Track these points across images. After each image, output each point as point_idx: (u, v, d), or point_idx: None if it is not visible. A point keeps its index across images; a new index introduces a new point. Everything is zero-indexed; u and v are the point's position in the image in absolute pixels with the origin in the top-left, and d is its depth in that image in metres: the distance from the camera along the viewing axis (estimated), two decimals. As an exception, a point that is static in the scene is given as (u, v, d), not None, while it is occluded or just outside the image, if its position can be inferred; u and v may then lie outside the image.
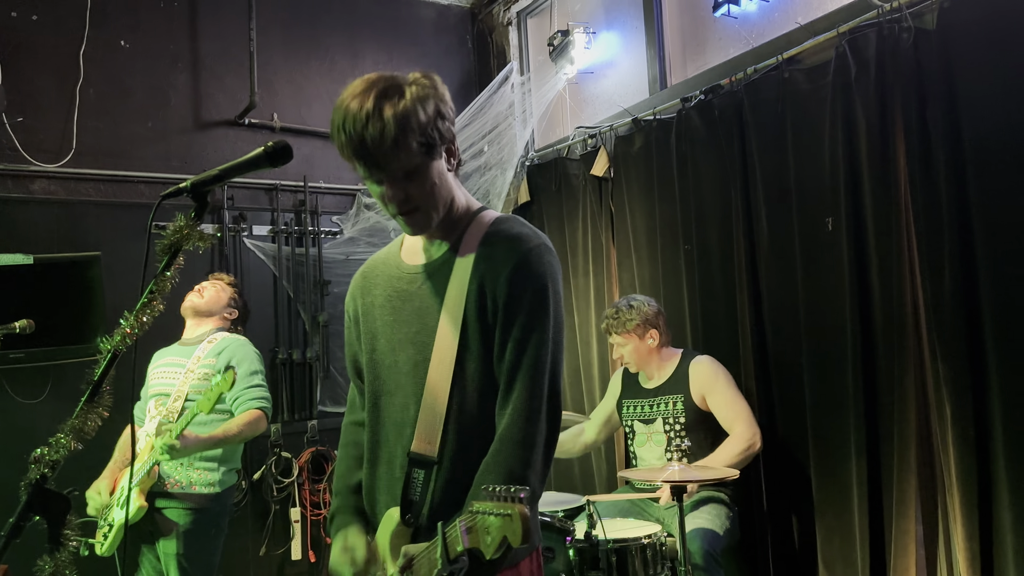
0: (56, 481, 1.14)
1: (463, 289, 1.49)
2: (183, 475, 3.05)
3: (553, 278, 1.50)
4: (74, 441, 1.18)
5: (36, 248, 3.81)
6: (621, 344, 3.26)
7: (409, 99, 1.40)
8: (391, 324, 1.60)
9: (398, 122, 1.38)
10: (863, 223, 2.91)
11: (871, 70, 2.86)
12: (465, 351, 1.48)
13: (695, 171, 3.59)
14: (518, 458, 1.41)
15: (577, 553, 2.59)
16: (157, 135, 4.28)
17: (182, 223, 1.29)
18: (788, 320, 3.18)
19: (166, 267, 1.27)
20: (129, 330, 1.23)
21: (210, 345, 3.21)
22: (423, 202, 1.48)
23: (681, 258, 3.66)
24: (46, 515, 1.16)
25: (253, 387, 3.15)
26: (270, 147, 1.35)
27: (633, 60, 4.26)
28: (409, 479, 1.51)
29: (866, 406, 2.87)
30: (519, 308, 1.46)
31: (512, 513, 1.16)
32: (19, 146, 3.87)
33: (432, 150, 1.45)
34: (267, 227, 4.57)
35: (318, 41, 4.78)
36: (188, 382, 3.11)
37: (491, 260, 1.49)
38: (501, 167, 4.68)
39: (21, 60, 3.92)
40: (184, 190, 1.30)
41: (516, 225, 1.56)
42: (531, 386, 1.44)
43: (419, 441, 1.50)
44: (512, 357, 1.46)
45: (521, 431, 1.42)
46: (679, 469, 2.60)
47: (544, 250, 1.51)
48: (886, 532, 2.81)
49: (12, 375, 3.70)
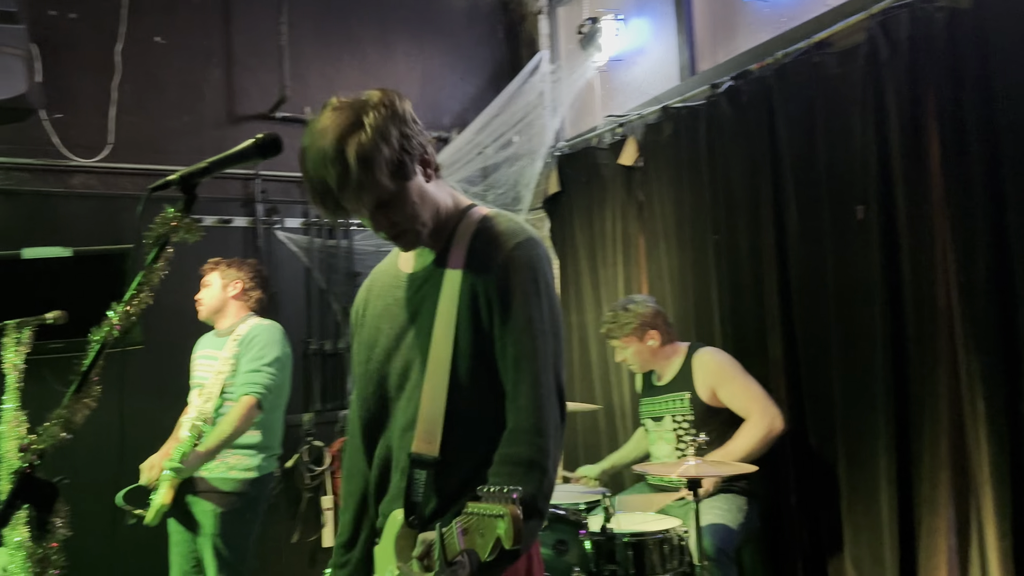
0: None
1: (455, 290, 1.50)
2: (221, 461, 3.12)
3: (543, 269, 1.50)
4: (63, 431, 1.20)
5: (76, 241, 3.91)
6: (622, 348, 3.24)
7: (369, 133, 1.38)
8: (389, 332, 1.61)
9: (360, 159, 1.37)
10: (894, 212, 2.82)
11: (903, 52, 2.76)
12: (460, 352, 1.49)
13: (724, 159, 3.53)
14: (535, 447, 1.42)
15: (593, 546, 2.57)
16: (192, 129, 4.35)
17: (170, 215, 1.29)
18: (817, 310, 3.10)
19: (155, 259, 1.28)
20: (117, 322, 1.24)
21: (237, 338, 3.27)
22: (409, 224, 1.49)
23: (710, 248, 3.59)
24: (34, 503, 1.18)
25: (250, 372, 3.16)
26: (259, 139, 1.35)
27: (663, 47, 4.19)
28: (411, 480, 1.51)
29: (896, 400, 2.79)
30: (513, 303, 1.46)
31: (504, 514, 1.13)
32: (58, 142, 3.97)
33: (404, 173, 1.44)
34: (299, 219, 4.62)
35: (349, 34, 4.80)
36: (220, 380, 3.20)
37: (480, 259, 1.50)
38: (531, 157, 4.65)
39: (60, 58, 4.02)
40: (173, 182, 1.31)
41: (503, 222, 1.55)
42: (537, 376, 1.45)
43: (419, 442, 1.50)
44: (514, 351, 1.46)
45: (536, 421, 1.43)
46: (695, 464, 2.56)
47: (532, 243, 1.52)
48: (916, 529, 2.73)
49: (53, 365, 3.80)
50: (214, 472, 3.12)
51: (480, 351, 1.48)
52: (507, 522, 1.13)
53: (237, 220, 4.42)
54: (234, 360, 3.22)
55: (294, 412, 4.29)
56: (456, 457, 1.48)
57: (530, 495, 1.39)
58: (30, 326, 2.87)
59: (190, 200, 1.32)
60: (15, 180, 3.92)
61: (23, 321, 2.87)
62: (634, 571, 2.55)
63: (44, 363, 3.74)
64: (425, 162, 1.50)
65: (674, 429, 3.12)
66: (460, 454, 1.48)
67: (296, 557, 4.41)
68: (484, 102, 4.78)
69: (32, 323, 2.86)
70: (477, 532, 1.20)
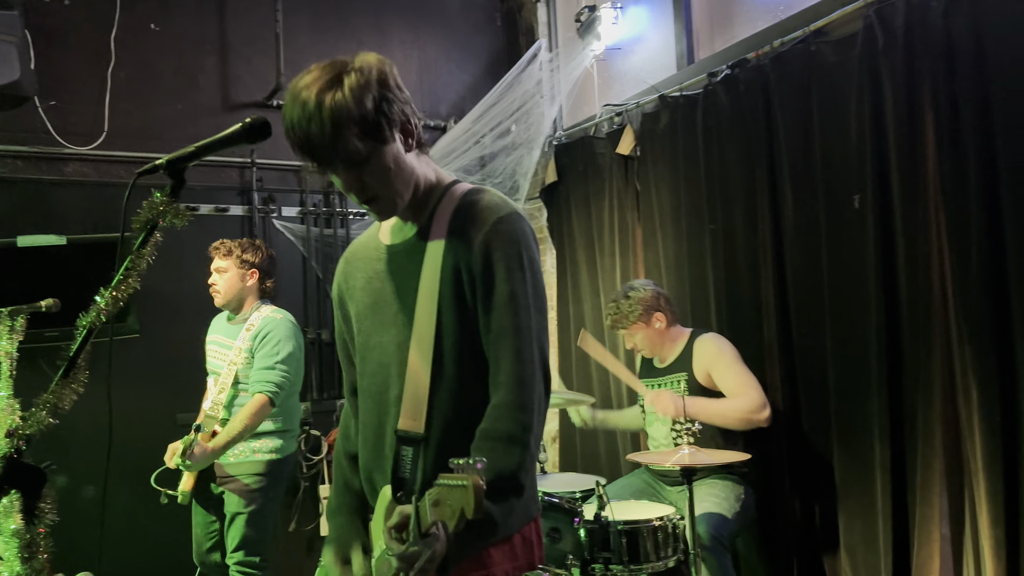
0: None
1: (437, 266, 1.49)
2: (245, 446, 3.26)
3: (527, 244, 1.49)
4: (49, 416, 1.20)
5: (70, 229, 3.91)
6: (631, 335, 3.24)
7: (347, 90, 1.38)
8: (371, 306, 1.60)
9: (333, 116, 1.37)
10: (890, 201, 2.81)
11: (899, 41, 2.74)
12: (443, 327, 1.48)
13: (720, 148, 3.51)
14: (517, 421, 1.42)
15: (588, 534, 2.58)
16: (187, 117, 4.33)
17: (158, 200, 1.29)
18: (812, 299, 3.10)
19: (142, 244, 1.28)
20: (104, 307, 1.24)
21: (250, 329, 3.34)
22: (381, 189, 1.48)
23: (706, 237, 3.59)
24: (22, 488, 1.18)
25: (264, 369, 3.25)
26: (247, 123, 1.35)
27: (661, 35, 4.17)
28: (398, 457, 1.52)
29: (890, 388, 2.79)
30: (495, 277, 1.45)
31: (466, 484, 1.16)
32: (52, 129, 3.96)
33: (379, 136, 1.43)
34: (296, 208, 4.61)
35: (345, 21, 4.78)
36: (233, 370, 3.31)
37: (463, 234, 1.48)
38: (528, 146, 4.64)
39: (53, 44, 4.00)
40: (160, 167, 1.31)
41: (486, 196, 1.54)
42: (520, 351, 1.45)
43: (405, 418, 1.50)
44: (497, 326, 1.46)
45: (517, 396, 1.43)
46: (690, 452, 2.56)
47: (515, 217, 1.50)
48: (910, 517, 2.73)
49: (47, 353, 3.79)
50: (239, 457, 3.26)
51: (464, 327, 1.48)
52: (469, 492, 1.17)
53: (233, 208, 4.42)
54: (248, 353, 3.31)
55: (291, 401, 4.31)
56: (442, 433, 1.48)
57: (509, 469, 1.40)
58: (24, 314, 2.85)
59: (178, 185, 1.32)
60: (9, 167, 3.91)
61: (16, 309, 2.85)
62: (628, 559, 2.55)
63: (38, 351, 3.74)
64: (406, 131, 1.49)
65: None
66: (446, 430, 1.48)
67: (294, 545, 4.43)
68: (481, 91, 4.76)
69: (26, 311, 2.85)
70: (446, 503, 1.22)
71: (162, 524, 3.74)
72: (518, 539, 1.51)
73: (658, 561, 2.58)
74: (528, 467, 1.45)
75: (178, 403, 4.22)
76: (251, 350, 3.31)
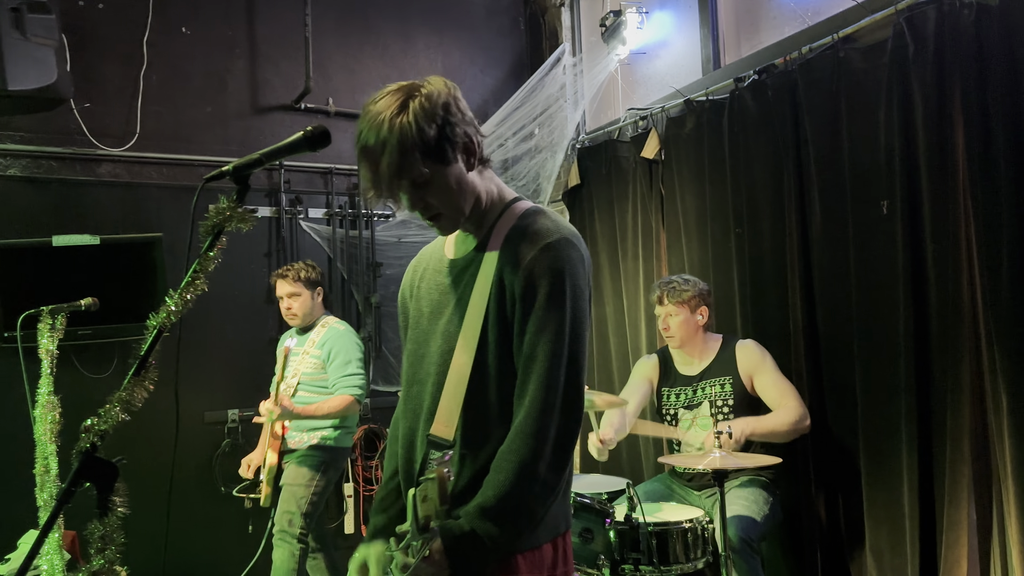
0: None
1: (488, 282, 1.52)
2: (307, 433, 3.66)
3: (571, 271, 1.49)
4: (122, 412, 1.24)
5: (103, 229, 3.98)
6: (673, 314, 3.21)
7: (411, 116, 1.43)
8: (429, 315, 1.65)
9: (400, 140, 1.42)
10: (919, 207, 2.83)
11: (930, 48, 2.76)
12: (486, 342, 1.51)
13: (747, 153, 3.54)
14: (530, 449, 1.42)
15: (617, 535, 2.60)
16: (216, 120, 4.39)
17: (224, 205, 1.33)
18: (840, 305, 3.12)
19: (209, 247, 1.32)
20: (174, 308, 1.28)
21: (317, 337, 3.75)
22: (444, 208, 1.53)
23: (732, 242, 3.61)
24: (96, 482, 1.22)
25: (347, 375, 3.66)
26: (309, 131, 1.39)
27: (686, 40, 4.20)
28: (426, 461, 1.55)
29: (918, 394, 2.80)
30: (534, 301, 1.47)
31: (433, 476, 1.29)
32: (86, 131, 4.02)
33: (441, 158, 1.48)
34: (322, 210, 4.67)
35: (370, 26, 4.83)
36: (301, 368, 3.72)
37: (513, 255, 1.51)
38: (551, 150, 4.68)
39: (88, 48, 4.07)
40: (226, 173, 1.35)
41: (540, 219, 1.56)
42: (547, 379, 1.45)
43: (438, 424, 1.53)
44: (528, 350, 1.47)
45: (535, 423, 1.43)
46: (721, 456, 2.58)
47: (564, 244, 1.51)
48: (937, 522, 2.75)
49: (81, 351, 3.87)
50: (301, 444, 3.65)
51: (505, 344, 1.51)
52: (434, 483, 1.30)
53: (262, 210, 4.47)
54: (316, 359, 3.70)
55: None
56: (470, 443, 1.50)
57: (514, 495, 1.42)
58: (64, 312, 2.91)
59: (242, 190, 1.36)
60: (44, 168, 3.97)
61: (56, 307, 2.91)
62: (658, 560, 2.58)
63: (71, 349, 3.81)
64: (468, 151, 1.53)
65: (713, 414, 3.14)
66: (474, 441, 1.50)
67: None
68: (505, 95, 4.80)
69: (66, 309, 2.91)
70: (430, 498, 1.33)
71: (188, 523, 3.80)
72: (548, 548, 1.53)
73: (687, 563, 2.61)
74: (539, 494, 1.44)
75: (206, 402, 4.29)
76: (323, 357, 3.69)
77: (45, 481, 2.77)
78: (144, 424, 3.08)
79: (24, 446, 2.89)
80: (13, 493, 3.20)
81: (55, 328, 2.88)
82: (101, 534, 1.22)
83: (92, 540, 1.25)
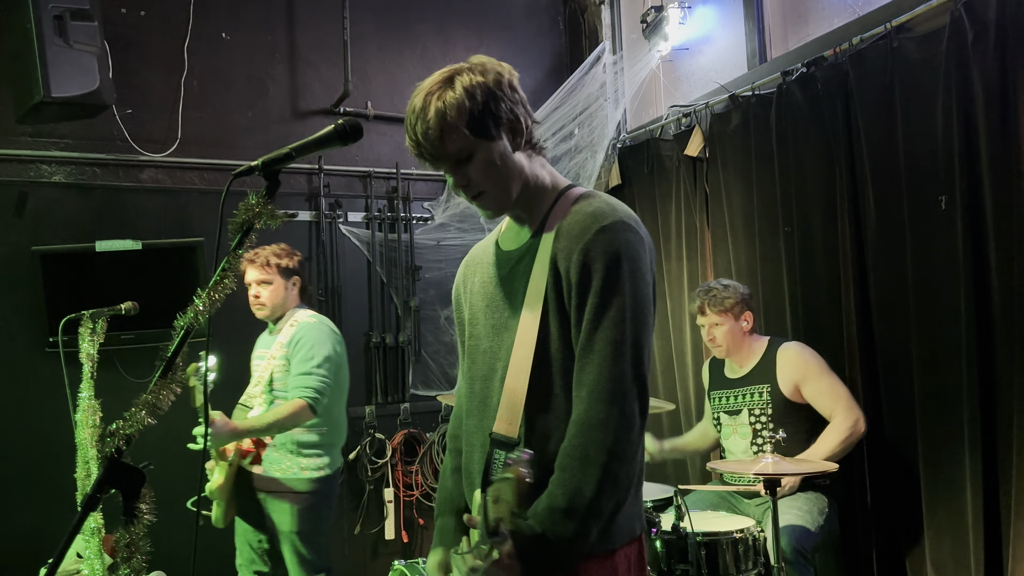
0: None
1: (544, 272, 1.47)
2: (292, 462, 3.12)
3: (630, 254, 1.42)
4: (148, 416, 1.20)
5: (145, 234, 4.00)
6: (717, 324, 3.10)
7: (457, 90, 1.43)
8: (484, 310, 1.60)
9: (439, 115, 1.42)
10: (980, 202, 2.70)
11: (990, 35, 2.63)
12: (546, 333, 1.46)
13: (796, 149, 3.42)
14: (595, 441, 1.36)
15: (664, 545, 2.51)
16: (257, 125, 4.40)
17: (254, 201, 1.29)
18: (897, 306, 2.99)
19: (238, 245, 1.27)
20: (202, 307, 1.24)
21: (285, 338, 3.18)
22: (487, 185, 1.49)
23: (781, 241, 3.49)
24: (121, 488, 1.18)
25: (302, 374, 3.07)
26: (340, 125, 1.35)
27: (730, 34, 4.09)
28: (491, 461, 1.50)
29: (981, 400, 2.66)
30: (591, 287, 1.41)
31: (510, 476, 1.19)
32: (128, 137, 4.05)
33: (484, 132, 1.45)
34: (361, 214, 4.64)
35: (409, 29, 4.81)
36: (269, 368, 3.17)
37: (568, 241, 1.45)
38: (592, 149, 4.59)
39: (129, 55, 4.10)
40: (255, 168, 1.30)
41: (595, 202, 1.50)
42: (610, 366, 1.38)
43: (500, 422, 1.48)
44: (585, 339, 1.41)
45: (599, 413, 1.37)
46: (773, 462, 2.48)
47: (620, 226, 1.44)
48: (1003, 535, 2.61)
49: (124, 355, 3.89)
50: (287, 473, 3.12)
51: (565, 335, 1.45)
52: (512, 484, 1.20)
53: (302, 214, 4.47)
54: (283, 360, 3.15)
55: (356, 405, 4.33)
56: (536, 440, 1.45)
57: (584, 492, 1.34)
58: (104, 316, 2.92)
59: (272, 186, 1.31)
60: (88, 175, 4.01)
61: (98, 312, 2.92)
62: (707, 571, 2.48)
63: (114, 353, 3.83)
64: (515, 130, 1.50)
65: (751, 423, 3.03)
66: (540, 437, 1.45)
67: (358, 549, 4.44)
68: (545, 94, 4.73)
69: (107, 313, 2.92)
70: (503, 499, 1.24)
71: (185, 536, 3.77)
72: (620, 557, 1.46)
73: (738, 574, 2.51)
74: (608, 489, 1.36)
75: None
76: (286, 356, 3.14)
77: (86, 485, 2.77)
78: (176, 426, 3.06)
79: (67, 450, 2.90)
80: (56, 497, 3.21)
81: (95, 332, 2.88)
82: (127, 542, 1.18)
83: (119, 548, 1.20)
